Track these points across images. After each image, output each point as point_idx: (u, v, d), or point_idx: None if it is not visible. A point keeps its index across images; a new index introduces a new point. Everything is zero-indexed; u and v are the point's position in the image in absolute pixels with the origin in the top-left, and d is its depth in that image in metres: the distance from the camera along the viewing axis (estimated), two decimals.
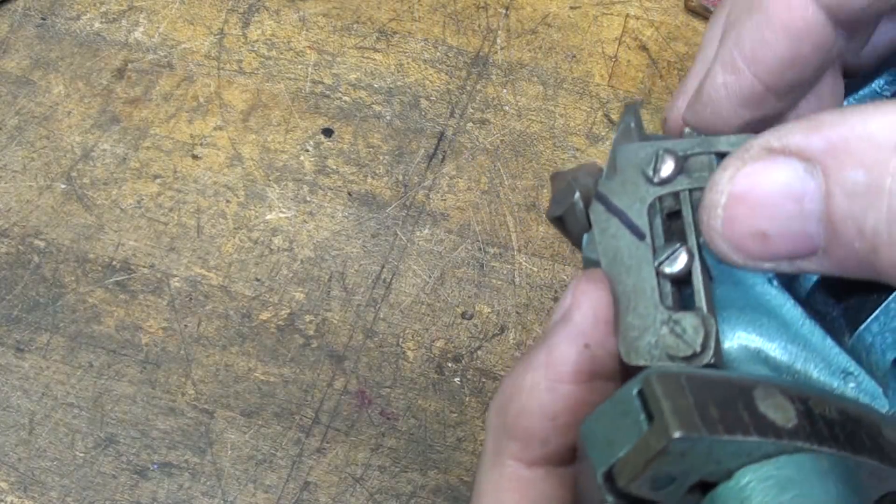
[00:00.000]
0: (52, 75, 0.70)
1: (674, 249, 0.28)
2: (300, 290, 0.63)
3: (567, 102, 0.69)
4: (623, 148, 0.29)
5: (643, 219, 0.28)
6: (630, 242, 0.28)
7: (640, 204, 0.28)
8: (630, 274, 0.28)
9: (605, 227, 0.29)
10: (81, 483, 0.57)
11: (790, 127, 0.24)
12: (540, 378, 0.28)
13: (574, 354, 0.28)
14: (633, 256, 0.28)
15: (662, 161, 0.28)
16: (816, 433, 0.23)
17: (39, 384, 0.60)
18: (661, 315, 0.27)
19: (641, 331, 0.27)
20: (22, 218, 0.65)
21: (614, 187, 0.29)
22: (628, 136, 0.30)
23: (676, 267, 0.28)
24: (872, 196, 0.22)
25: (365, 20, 0.72)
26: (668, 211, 0.29)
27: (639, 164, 0.29)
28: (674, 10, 0.73)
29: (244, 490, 0.57)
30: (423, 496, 0.57)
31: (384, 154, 0.67)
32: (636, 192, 0.29)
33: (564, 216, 0.31)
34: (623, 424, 0.24)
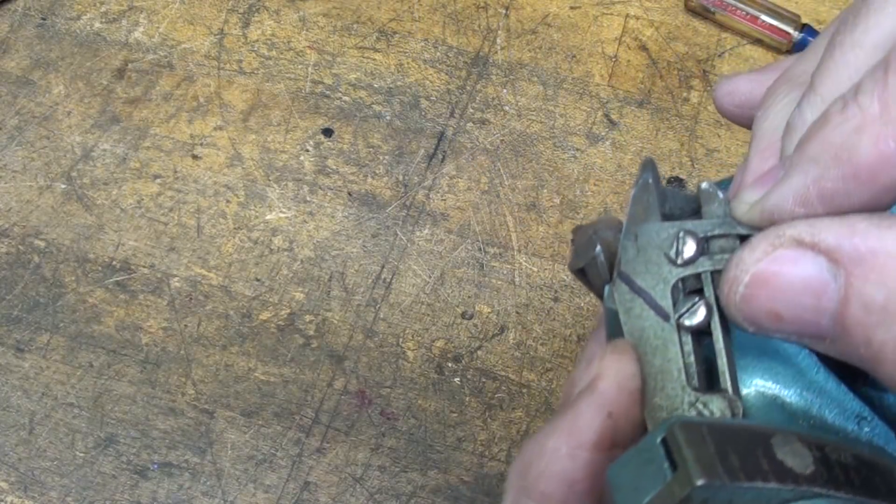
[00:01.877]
0: (52, 75, 0.70)
1: (693, 303, 0.28)
2: (300, 290, 0.63)
3: (567, 102, 0.69)
4: (645, 228, 0.30)
5: (667, 300, 0.29)
6: (655, 323, 0.29)
7: (664, 285, 0.29)
8: (656, 355, 0.29)
9: (629, 308, 0.30)
10: (81, 483, 0.57)
11: (825, 223, 0.25)
12: (561, 444, 0.28)
13: (598, 423, 0.28)
14: (658, 336, 0.29)
15: (684, 242, 0.29)
16: (833, 479, 0.24)
17: (39, 384, 0.60)
18: (689, 396, 0.28)
19: (670, 412, 0.28)
20: (22, 218, 0.65)
21: (637, 268, 0.30)
22: (646, 191, 0.30)
23: (696, 320, 0.28)
24: (886, 316, 0.23)
25: (365, 20, 0.72)
26: (690, 290, 0.29)
27: (661, 244, 0.29)
28: (674, 10, 0.73)
29: (244, 490, 0.57)
30: (423, 496, 0.57)
31: (384, 154, 0.67)
32: (659, 272, 0.29)
33: (587, 268, 0.31)
34: (648, 471, 0.25)
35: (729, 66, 0.71)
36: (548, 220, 0.65)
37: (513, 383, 0.60)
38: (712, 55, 0.71)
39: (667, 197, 0.31)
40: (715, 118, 0.69)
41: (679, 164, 0.67)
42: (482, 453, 0.58)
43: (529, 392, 0.60)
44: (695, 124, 0.68)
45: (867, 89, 0.25)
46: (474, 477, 0.58)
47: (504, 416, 0.59)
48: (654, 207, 0.30)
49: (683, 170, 0.67)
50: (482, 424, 0.59)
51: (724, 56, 0.71)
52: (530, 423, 0.59)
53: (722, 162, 0.67)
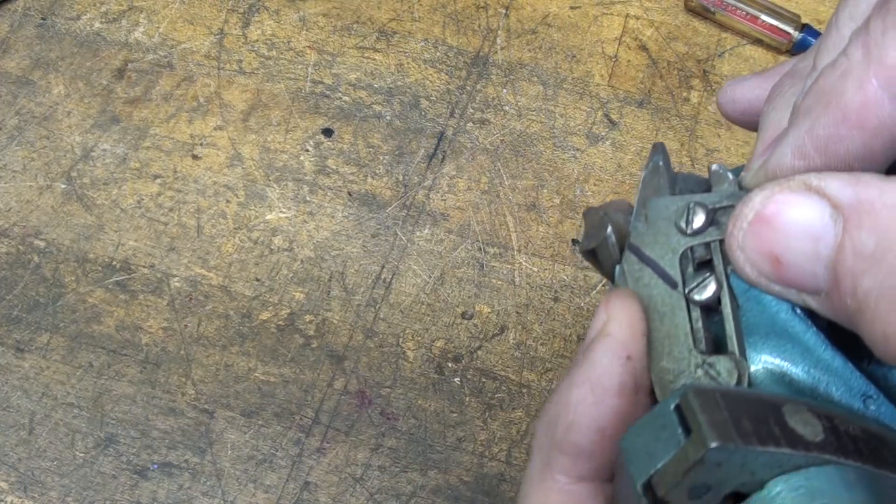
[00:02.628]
0: (52, 75, 0.70)
1: (703, 278, 0.29)
2: (300, 290, 0.63)
3: (567, 102, 0.69)
4: (655, 202, 0.30)
5: (675, 268, 0.29)
6: (663, 290, 0.30)
7: (672, 254, 0.30)
8: (664, 320, 0.29)
9: (638, 277, 0.30)
10: (81, 483, 0.57)
11: (833, 174, 0.25)
12: (586, 393, 0.29)
13: (618, 367, 0.29)
14: (666, 303, 0.29)
15: (694, 213, 0.29)
16: (842, 447, 0.25)
17: (39, 384, 0.60)
18: (696, 359, 0.28)
19: (676, 374, 0.29)
20: (22, 218, 0.65)
21: (646, 239, 0.30)
22: (657, 174, 0.31)
23: (705, 294, 0.29)
24: (874, 262, 0.24)
25: (365, 20, 0.72)
26: (699, 260, 0.30)
27: (670, 216, 0.30)
28: (674, 10, 0.73)
29: (244, 490, 0.57)
30: (423, 496, 0.57)
31: (384, 154, 0.67)
32: (668, 242, 0.30)
33: (597, 250, 0.32)
34: (662, 437, 0.25)
35: (729, 66, 0.71)
36: (548, 220, 0.65)
37: (513, 383, 0.60)
38: (712, 55, 0.71)
39: (677, 180, 0.31)
40: (715, 118, 0.69)
41: (679, 165, 0.67)
42: (482, 453, 0.58)
43: (529, 392, 0.60)
44: (695, 124, 0.68)
45: (853, 39, 0.26)
46: (474, 477, 0.58)
47: (504, 416, 0.59)
48: (664, 190, 0.31)
49: (684, 170, 0.67)
50: (482, 424, 0.59)
51: (724, 56, 0.71)
52: (530, 423, 0.59)
53: (722, 162, 0.67)
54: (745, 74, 0.35)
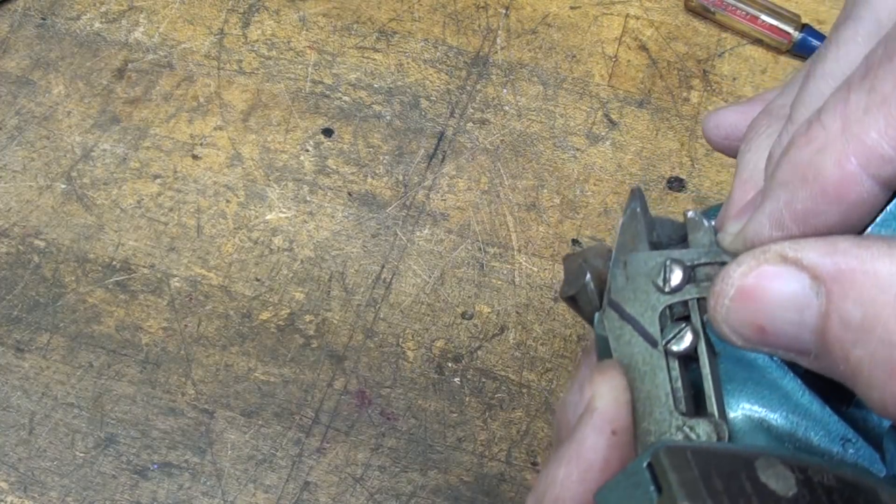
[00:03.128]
0: (52, 75, 0.70)
1: (680, 329, 0.29)
2: (300, 290, 0.63)
3: (567, 102, 0.69)
4: (634, 257, 0.31)
5: (655, 326, 0.30)
6: (643, 349, 0.30)
7: (652, 312, 0.30)
8: (644, 381, 0.30)
9: (619, 335, 0.31)
10: (81, 483, 0.57)
11: (808, 242, 0.26)
12: (571, 470, 0.29)
13: (603, 444, 0.29)
14: (646, 363, 0.30)
15: (671, 271, 0.30)
16: (815, 500, 0.25)
17: (39, 384, 0.60)
18: (677, 420, 0.29)
19: (658, 436, 0.29)
20: (22, 218, 0.65)
21: (626, 295, 0.30)
22: (634, 220, 0.31)
23: (682, 346, 0.29)
24: (863, 334, 0.24)
25: (365, 20, 0.72)
26: (678, 317, 0.30)
27: (648, 273, 0.30)
28: (674, 10, 0.73)
29: (244, 490, 0.57)
30: (423, 496, 0.57)
31: (384, 154, 0.67)
32: (647, 300, 0.30)
33: (577, 296, 0.32)
34: (635, 495, 0.26)
35: (729, 66, 0.71)
36: (548, 220, 0.65)
37: (513, 383, 0.60)
38: (712, 55, 0.71)
39: (654, 225, 0.32)
40: None
41: (679, 164, 0.67)
42: (482, 453, 0.58)
43: (529, 392, 0.60)
44: (695, 124, 0.68)
45: (829, 108, 0.26)
46: (474, 477, 0.58)
47: (504, 416, 0.59)
48: (642, 236, 0.31)
49: (683, 170, 0.67)
50: (482, 424, 0.59)
51: (724, 56, 0.71)
52: (530, 423, 0.59)
53: (722, 162, 0.67)
54: (728, 104, 0.35)
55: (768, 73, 0.70)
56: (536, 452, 0.58)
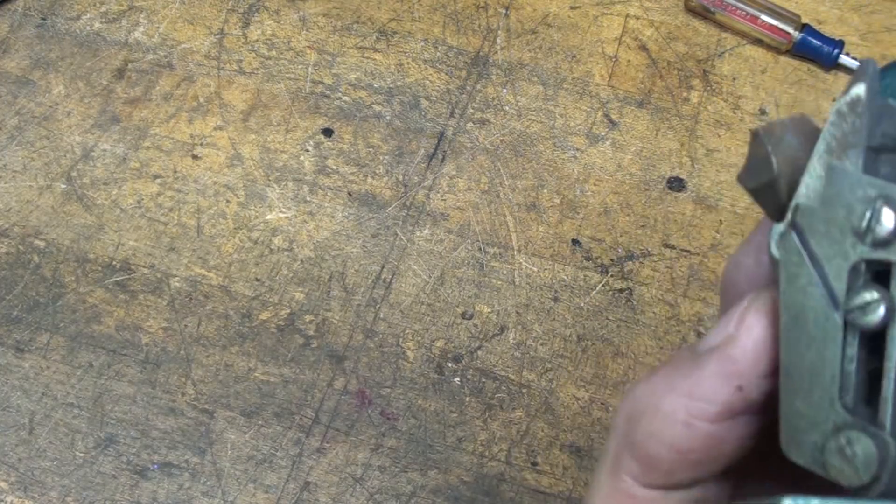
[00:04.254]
0: (52, 75, 0.70)
1: (873, 300, 0.23)
2: (300, 290, 0.63)
3: (567, 102, 0.69)
4: (839, 170, 0.23)
5: (842, 281, 0.23)
6: (820, 307, 0.24)
7: (843, 260, 0.23)
8: (811, 347, 0.24)
9: (794, 273, 0.24)
10: (81, 483, 0.57)
11: None
12: (679, 408, 0.26)
13: (724, 395, 0.25)
14: (819, 326, 0.24)
15: (879, 215, 0.23)
16: None
17: (39, 384, 0.60)
18: (836, 416, 0.23)
19: (810, 424, 0.24)
20: (22, 218, 0.65)
21: (817, 226, 0.24)
22: (854, 112, 0.24)
23: (869, 321, 0.23)
24: None
25: (365, 20, 0.72)
26: (875, 274, 0.24)
27: (851, 206, 0.23)
28: (674, 10, 0.73)
29: (244, 490, 0.57)
30: (423, 496, 0.57)
31: (384, 154, 0.67)
32: (842, 243, 0.23)
33: (759, 190, 0.25)
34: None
35: (729, 66, 0.71)
36: (548, 220, 0.65)
37: (513, 383, 0.60)
38: (712, 55, 0.71)
39: (882, 118, 0.24)
40: (715, 118, 0.69)
41: (679, 164, 0.67)
42: (482, 453, 0.58)
43: (529, 392, 0.60)
44: (695, 124, 0.68)
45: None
46: (474, 477, 0.58)
47: (504, 416, 0.59)
48: (860, 135, 0.24)
49: (683, 170, 0.67)
50: (482, 424, 0.59)
51: (724, 56, 0.71)
52: (530, 423, 0.59)
53: (722, 162, 0.67)
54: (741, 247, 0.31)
55: (768, 73, 0.70)
56: (536, 452, 0.59)
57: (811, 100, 0.69)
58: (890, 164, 0.24)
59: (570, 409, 0.60)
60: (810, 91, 0.70)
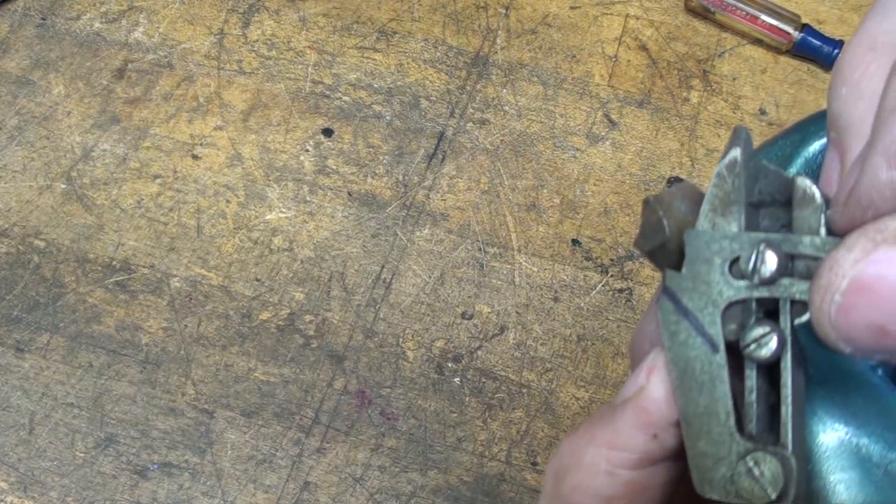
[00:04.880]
0: (52, 75, 0.70)
1: (765, 333, 0.25)
2: (300, 290, 0.63)
3: (567, 102, 0.69)
4: (693, 234, 0.25)
5: (716, 326, 0.25)
6: (702, 354, 0.26)
7: (714, 308, 0.25)
8: (702, 392, 0.25)
9: (674, 331, 0.26)
10: (81, 483, 0.57)
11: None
12: (601, 459, 0.27)
13: (641, 444, 0.26)
14: (704, 371, 0.25)
15: (763, 258, 0.24)
16: None
17: (39, 384, 0.60)
18: (738, 447, 0.25)
19: (715, 460, 0.25)
20: (22, 218, 0.65)
21: (684, 284, 0.26)
22: (733, 172, 0.26)
23: (764, 353, 0.25)
24: None
25: (365, 20, 0.72)
26: (763, 313, 0.25)
27: (714, 256, 0.25)
28: (674, 10, 0.73)
29: (244, 490, 0.57)
30: (423, 496, 0.57)
31: (384, 154, 0.67)
32: (709, 292, 0.25)
33: (654, 252, 0.27)
34: None
35: (729, 66, 0.71)
36: (548, 220, 0.65)
37: (513, 383, 0.60)
38: (712, 55, 0.71)
39: (759, 177, 0.26)
40: (715, 118, 0.69)
41: (679, 164, 0.67)
42: (482, 453, 0.58)
43: (529, 392, 0.60)
44: (695, 124, 0.68)
45: None
46: (474, 477, 0.58)
47: (504, 416, 0.59)
48: (739, 194, 0.25)
49: (683, 170, 0.67)
50: (482, 424, 0.59)
51: (724, 56, 0.71)
52: (530, 423, 0.59)
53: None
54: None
55: (768, 73, 0.71)
56: (536, 452, 0.59)
57: (811, 100, 0.69)
58: (769, 216, 0.26)
59: (570, 409, 0.60)
60: (810, 91, 0.70)
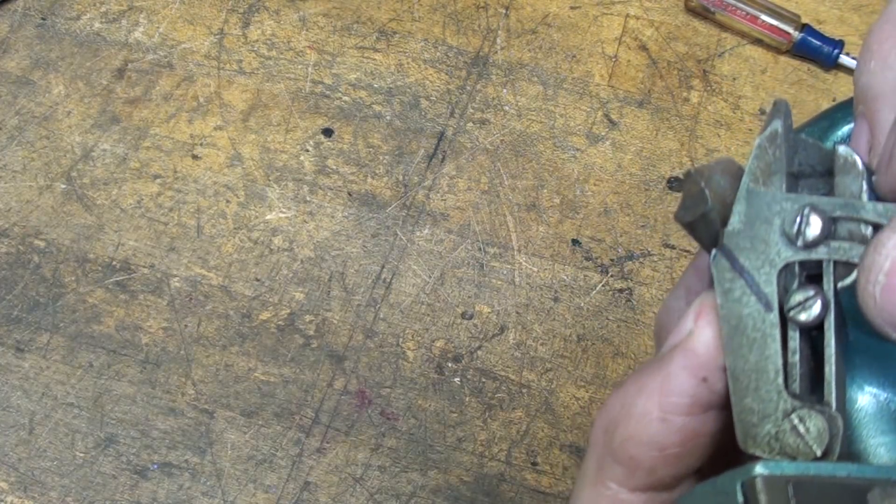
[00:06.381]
0: (52, 75, 0.70)
1: (808, 297, 0.25)
2: (300, 290, 0.63)
3: (567, 102, 0.69)
4: (757, 195, 0.26)
5: (772, 286, 0.26)
6: (755, 312, 0.26)
7: (770, 267, 0.26)
8: (753, 349, 0.26)
9: (728, 289, 0.26)
10: (81, 483, 0.57)
11: None
12: (653, 406, 0.27)
13: (692, 387, 0.26)
14: (757, 329, 0.26)
15: (807, 221, 0.25)
16: None
17: (39, 384, 0.60)
18: (785, 404, 0.25)
19: (761, 417, 0.26)
20: (22, 218, 0.65)
21: (742, 243, 0.26)
22: (773, 144, 0.26)
23: (808, 316, 0.25)
24: None
25: (365, 20, 0.72)
26: (808, 276, 0.26)
27: (773, 218, 0.26)
28: (674, 10, 0.73)
29: (244, 490, 0.57)
30: (423, 496, 0.57)
31: (384, 154, 0.67)
32: (766, 252, 0.26)
33: (694, 224, 0.28)
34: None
35: (729, 66, 0.71)
36: (548, 220, 0.65)
37: (513, 383, 0.60)
38: (712, 55, 0.71)
39: (798, 149, 0.27)
40: (715, 118, 0.69)
41: (679, 164, 0.67)
42: (482, 453, 0.58)
43: (529, 392, 0.60)
44: (695, 124, 0.68)
45: None
46: (474, 477, 0.58)
47: (504, 416, 0.59)
48: (780, 165, 0.26)
49: (683, 170, 0.67)
50: (482, 424, 0.59)
51: (724, 56, 0.71)
52: (530, 423, 0.59)
53: None
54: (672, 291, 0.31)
55: (768, 73, 0.71)
56: (536, 452, 0.59)
57: (811, 100, 0.69)
58: (808, 187, 0.27)
59: (570, 409, 0.60)
60: (810, 91, 0.70)
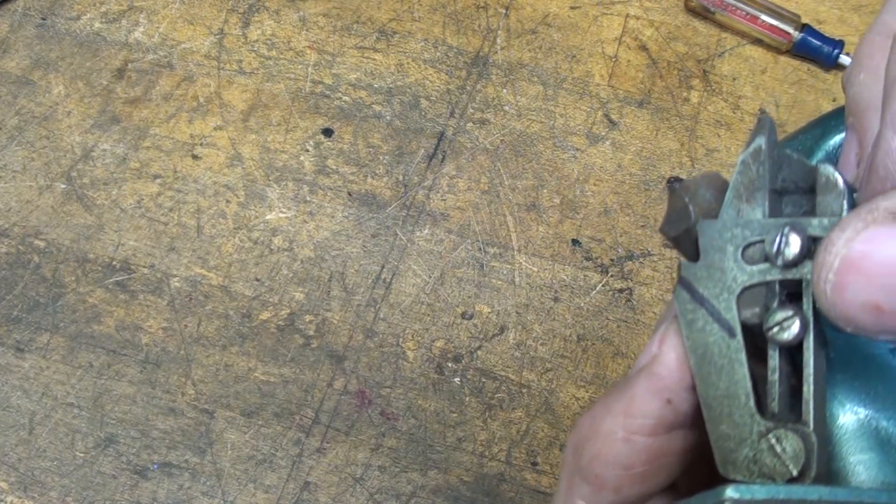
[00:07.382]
0: (52, 75, 0.70)
1: (787, 316, 0.25)
2: (300, 290, 0.63)
3: (567, 102, 0.69)
4: (707, 225, 0.26)
5: (732, 311, 0.26)
6: (719, 339, 0.26)
7: (728, 294, 0.26)
8: (721, 376, 0.26)
9: (691, 319, 0.27)
10: (81, 483, 0.57)
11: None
12: (617, 427, 0.27)
13: (656, 409, 0.27)
14: (723, 355, 0.26)
15: (787, 241, 0.25)
16: None
17: (39, 384, 0.60)
18: (759, 426, 0.26)
19: (738, 442, 0.26)
20: (22, 218, 0.65)
21: (699, 273, 0.27)
22: (758, 160, 0.26)
23: (787, 336, 0.25)
24: None
25: (365, 20, 0.72)
26: (787, 295, 0.26)
27: (727, 243, 0.26)
28: (674, 10, 0.73)
29: (244, 490, 0.57)
30: (423, 496, 0.57)
31: (384, 154, 0.67)
32: (722, 279, 0.26)
33: (679, 239, 0.28)
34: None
35: (729, 66, 0.71)
36: (548, 220, 0.65)
37: (513, 383, 0.60)
38: (712, 55, 0.71)
39: (782, 165, 0.27)
40: (715, 118, 0.69)
41: (679, 164, 0.67)
42: (482, 453, 0.58)
43: (529, 392, 0.60)
44: (695, 124, 0.68)
45: None
46: (474, 477, 0.58)
47: (504, 416, 0.59)
48: (763, 181, 0.26)
49: (683, 170, 0.67)
50: (482, 424, 0.59)
51: (724, 56, 0.71)
52: (530, 423, 0.59)
53: (722, 162, 0.67)
54: None
55: (768, 73, 0.71)
56: (536, 452, 0.59)
57: (811, 100, 0.69)
58: (793, 203, 0.27)
59: (570, 409, 0.60)
60: (810, 91, 0.70)
